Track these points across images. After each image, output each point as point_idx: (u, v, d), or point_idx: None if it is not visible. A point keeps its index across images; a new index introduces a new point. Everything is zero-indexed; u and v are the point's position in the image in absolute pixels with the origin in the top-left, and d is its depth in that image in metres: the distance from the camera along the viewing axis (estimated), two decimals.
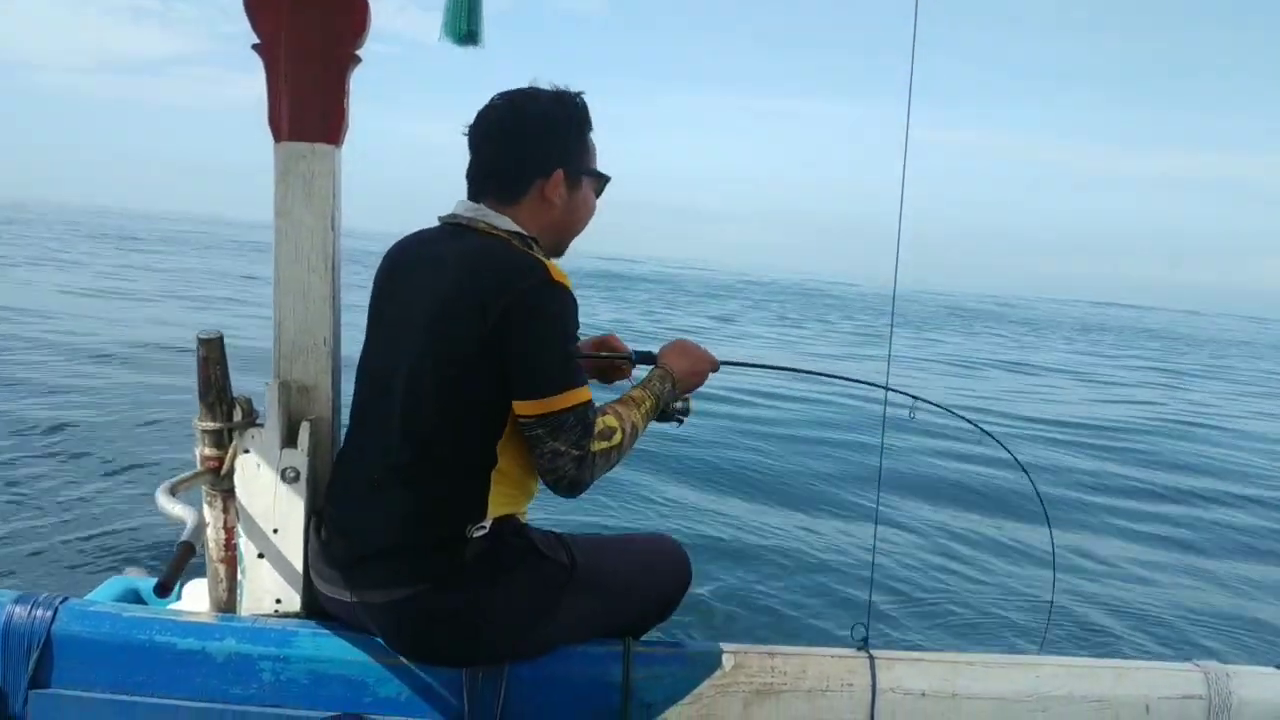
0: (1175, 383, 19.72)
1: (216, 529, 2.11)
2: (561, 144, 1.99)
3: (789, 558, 5.22)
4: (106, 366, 9.40)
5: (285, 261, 2.08)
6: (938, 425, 9.08)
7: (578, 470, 1.84)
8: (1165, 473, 9.05)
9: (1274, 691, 2.31)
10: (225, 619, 2.07)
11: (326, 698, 1.93)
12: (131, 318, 13.94)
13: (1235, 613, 5.27)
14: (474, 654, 1.95)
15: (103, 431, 6.54)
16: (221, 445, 2.06)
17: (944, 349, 22.06)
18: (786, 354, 18.06)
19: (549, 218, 2.00)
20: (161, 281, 21.04)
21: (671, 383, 2.16)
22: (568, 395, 1.82)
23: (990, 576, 5.36)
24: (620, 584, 2.10)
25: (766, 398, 10.70)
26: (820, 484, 7.19)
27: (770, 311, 30.18)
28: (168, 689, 1.92)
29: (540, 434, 1.82)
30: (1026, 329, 34.91)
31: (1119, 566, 5.90)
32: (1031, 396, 14.50)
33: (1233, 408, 15.76)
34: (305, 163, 2.05)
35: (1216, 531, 7.00)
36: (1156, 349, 30.88)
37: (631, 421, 1.98)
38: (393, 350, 1.94)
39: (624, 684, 2.02)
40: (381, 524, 1.89)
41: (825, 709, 2.12)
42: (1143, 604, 5.20)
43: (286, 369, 2.11)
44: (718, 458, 7.50)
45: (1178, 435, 11.59)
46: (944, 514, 6.66)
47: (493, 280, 1.80)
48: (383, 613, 1.89)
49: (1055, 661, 2.30)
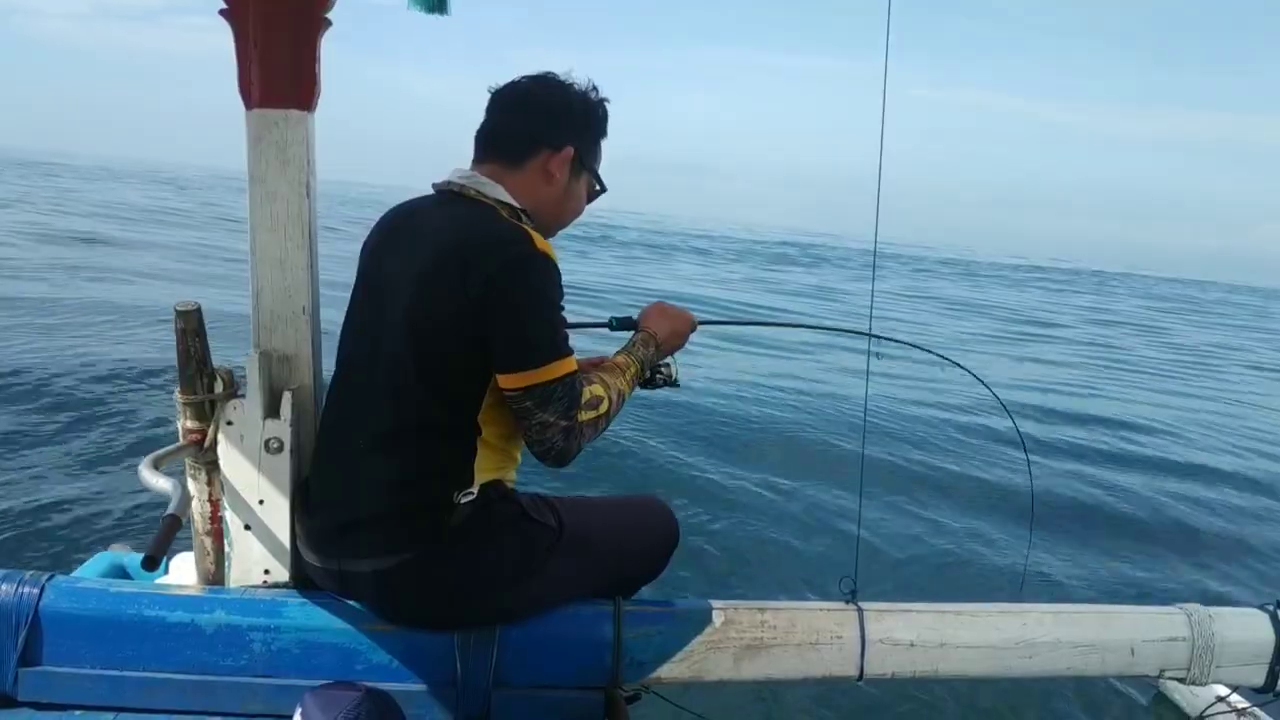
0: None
1: (202, 502, 2.10)
2: (579, 129, 2.01)
3: (776, 514, 5.26)
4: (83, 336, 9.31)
5: (261, 230, 2.06)
6: (925, 375, 9.12)
7: (565, 441, 1.84)
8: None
9: (1254, 631, 2.35)
10: (214, 591, 2.06)
11: (318, 666, 1.93)
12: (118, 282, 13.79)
13: (1223, 553, 5.35)
14: (464, 618, 1.96)
15: (83, 405, 6.49)
16: (203, 418, 2.04)
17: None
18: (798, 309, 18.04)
19: (545, 194, 1.99)
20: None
21: (654, 346, 2.17)
22: (555, 366, 1.81)
23: (975, 525, 5.41)
24: (608, 545, 2.11)
25: (746, 346, 10.74)
26: (805, 436, 7.23)
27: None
28: (159, 662, 1.91)
29: (529, 406, 1.81)
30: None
31: (1103, 507, 5.98)
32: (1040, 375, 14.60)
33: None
34: (278, 129, 2.02)
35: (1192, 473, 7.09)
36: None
37: (618, 389, 1.98)
38: (377, 318, 1.92)
39: (615, 643, 2.03)
40: (367, 492, 1.88)
41: (815, 662, 2.14)
42: (1125, 547, 5.26)
43: (266, 339, 2.09)
44: (703, 414, 7.52)
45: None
46: (929, 463, 6.71)
47: (476, 249, 1.79)
48: (371, 580, 1.89)
49: (1041, 609, 2.33)
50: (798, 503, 5.52)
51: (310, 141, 2.05)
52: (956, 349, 13.55)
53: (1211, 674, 2.32)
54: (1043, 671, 2.27)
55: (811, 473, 6.18)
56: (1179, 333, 22.95)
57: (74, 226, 19.93)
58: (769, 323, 3.63)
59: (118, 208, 28.43)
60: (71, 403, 6.45)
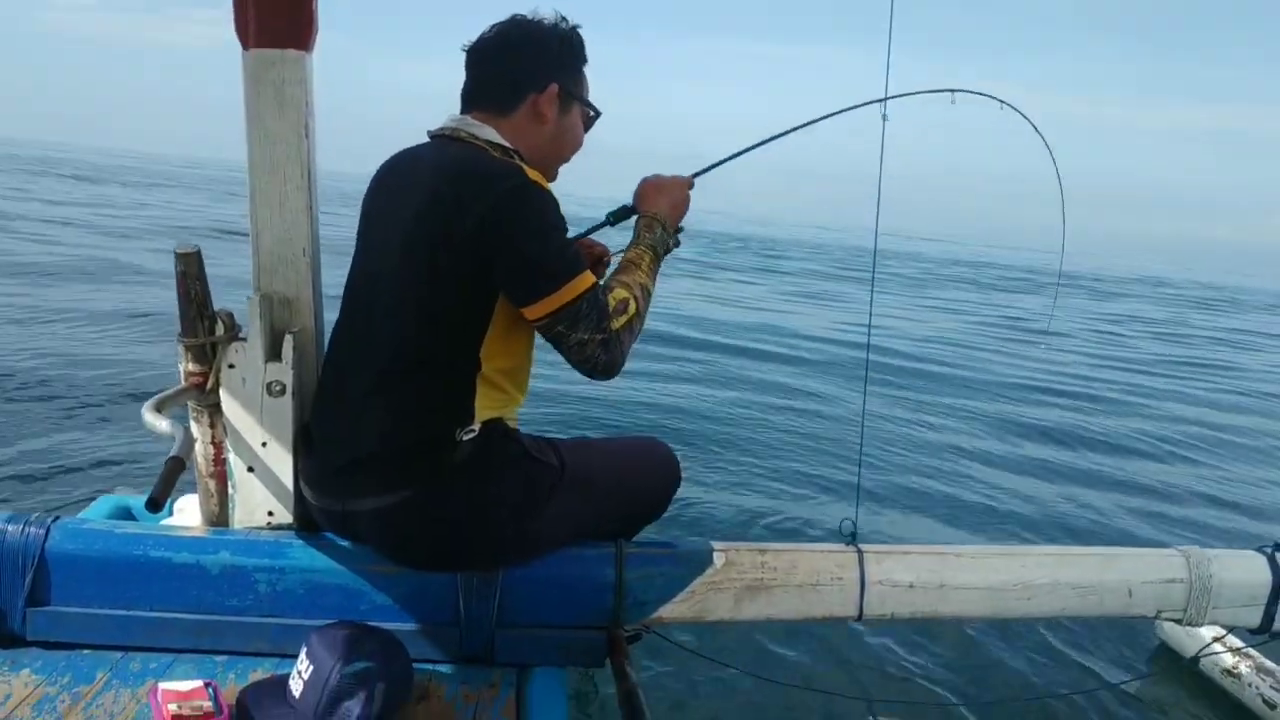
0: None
1: (205, 444, 2.11)
2: (558, 63, 1.98)
3: (778, 456, 5.28)
4: (86, 286, 9.31)
5: (259, 172, 2.04)
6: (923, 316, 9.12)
7: (607, 353, 1.83)
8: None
9: (1251, 573, 2.37)
10: (218, 533, 2.08)
11: (322, 607, 1.95)
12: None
13: (1227, 497, 5.37)
14: (466, 558, 1.98)
15: (84, 351, 6.49)
16: (205, 360, 2.04)
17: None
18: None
19: (539, 135, 1.97)
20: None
21: (660, 226, 2.11)
22: (574, 284, 1.80)
23: (978, 469, 5.43)
24: (610, 485, 2.12)
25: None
26: (805, 380, 7.24)
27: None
28: (164, 602, 1.93)
29: (561, 330, 1.81)
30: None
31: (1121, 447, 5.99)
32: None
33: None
34: (275, 70, 1.99)
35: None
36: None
37: (640, 284, 1.96)
38: (376, 259, 1.93)
39: (617, 584, 2.05)
40: (368, 431, 1.89)
41: (816, 602, 2.16)
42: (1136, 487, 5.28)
43: (267, 281, 2.08)
44: (704, 361, 7.54)
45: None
46: (931, 406, 6.73)
47: (469, 185, 1.78)
48: (374, 520, 1.90)
49: (1040, 550, 2.35)
50: (800, 445, 5.54)
51: (309, 82, 2.02)
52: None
53: (1208, 615, 2.34)
54: (1041, 613, 2.29)
55: (814, 416, 6.20)
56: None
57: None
58: (764, 141, 3.38)
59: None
60: (72, 349, 6.46)
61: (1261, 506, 5.39)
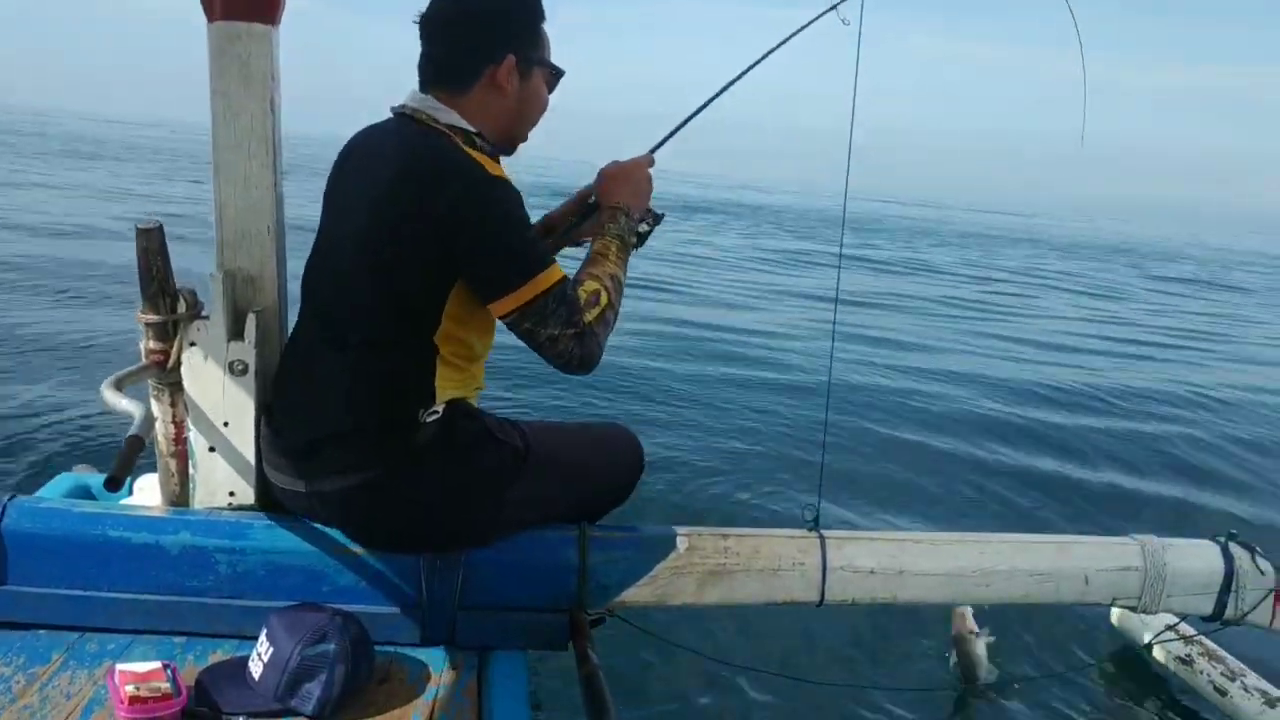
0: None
1: (166, 423, 2.09)
2: (513, 30, 1.93)
3: (742, 442, 5.29)
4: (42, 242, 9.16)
5: (224, 147, 2.01)
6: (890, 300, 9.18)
7: (582, 347, 1.82)
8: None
9: (1205, 562, 2.42)
10: (179, 513, 2.06)
11: (284, 588, 1.94)
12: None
13: (1188, 485, 5.44)
14: (429, 539, 1.97)
15: (40, 325, 6.39)
16: (166, 338, 2.01)
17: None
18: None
19: (500, 107, 1.94)
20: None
21: (623, 215, 2.07)
22: (540, 279, 1.79)
23: (937, 455, 5.47)
24: (574, 468, 2.12)
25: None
26: (771, 366, 7.26)
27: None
28: (123, 583, 1.91)
29: (529, 327, 1.80)
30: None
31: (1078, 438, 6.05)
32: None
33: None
34: (241, 43, 1.97)
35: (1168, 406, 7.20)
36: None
37: (609, 274, 1.93)
38: (337, 239, 1.92)
39: (580, 567, 2.06)
40: (329, 410, 1.88)
41: (778, 587, 2.18)
42: (1089, 479, 5.34)
43: (230, 258, 2.06)
44: (667, 348, 7.54)
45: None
46: (895, 393, 6.77)
47: (430, 179, 1.77)
48: (337, 500, 1.89)
49: (999, 538, 2.38)
50: (763, 431, 5.56)
51: (274, 56, 2.00)
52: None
53: (1162, 603, 2.39)
54: (999, 599, 2.33)
55: (777, 402, 6.22)
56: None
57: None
58: (721, 91, 3.19)
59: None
60: (29, 323, 6.36)
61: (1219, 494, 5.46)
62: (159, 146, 39.76)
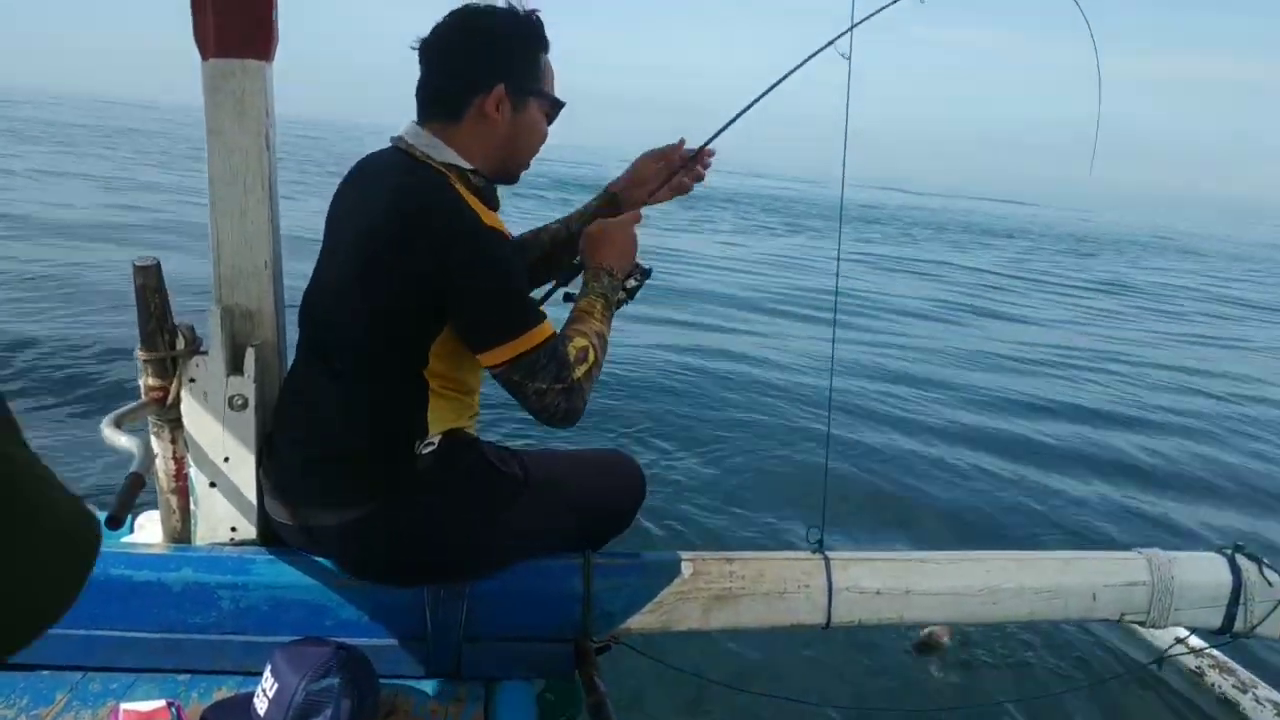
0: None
1: (166, 460, 2.08)
2: (505, 59, 1.89)
3: (744, 465, 5.28)
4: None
5: (220, 183, 2.02)
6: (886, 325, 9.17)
7: (569, 401, 1.81)
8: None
9: (1212, 575, 2.41)
10: (180, 550, 2.05)
11: (287, 623, 1.93)
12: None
13: (1189, 498, 5.43)
14: (432, 572, 1.97)
15: (39, 365, 6.38)
16: (165, 375, 2.02)
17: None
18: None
19: (492, 139, 1.90)
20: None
21: (607, 274, 2.04)
22: (530, 335, 1.77)
23: (947, 474, 5.46)
24: (575, 497, 2.11)
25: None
26: (770, 388, 7.25)
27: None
28: (126, 621, 1.91)
29: (517, 379, 1.78)
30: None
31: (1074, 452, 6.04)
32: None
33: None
34: (235, 80, 1.98)
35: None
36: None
37: (595, 331, 1.93)
38: (332, 270, 1.91)
39: (584, 595, 2.05)
40: (327, 444, 1.88)
41: (783, 611, 2.17)
42: (1096, 493, 5.33)
43: (228, 294, 2.06)
44: (662, 368, 7.53)
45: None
46: (898, 408, 6.75)
47: (419, 230, 1.75)
48: (337, 535, 1.89)
49: (1004, 555, 2.37)
50: (765, 453, 5.55)
51: (269, 92, 2.01)
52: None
53: (1170, 617, 2.37)
54: (1005, 617, 2.32)
55: (778, 424, 6.21)
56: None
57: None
58: (721, 130, 3.12)
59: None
60: (25, 362, 6.35)
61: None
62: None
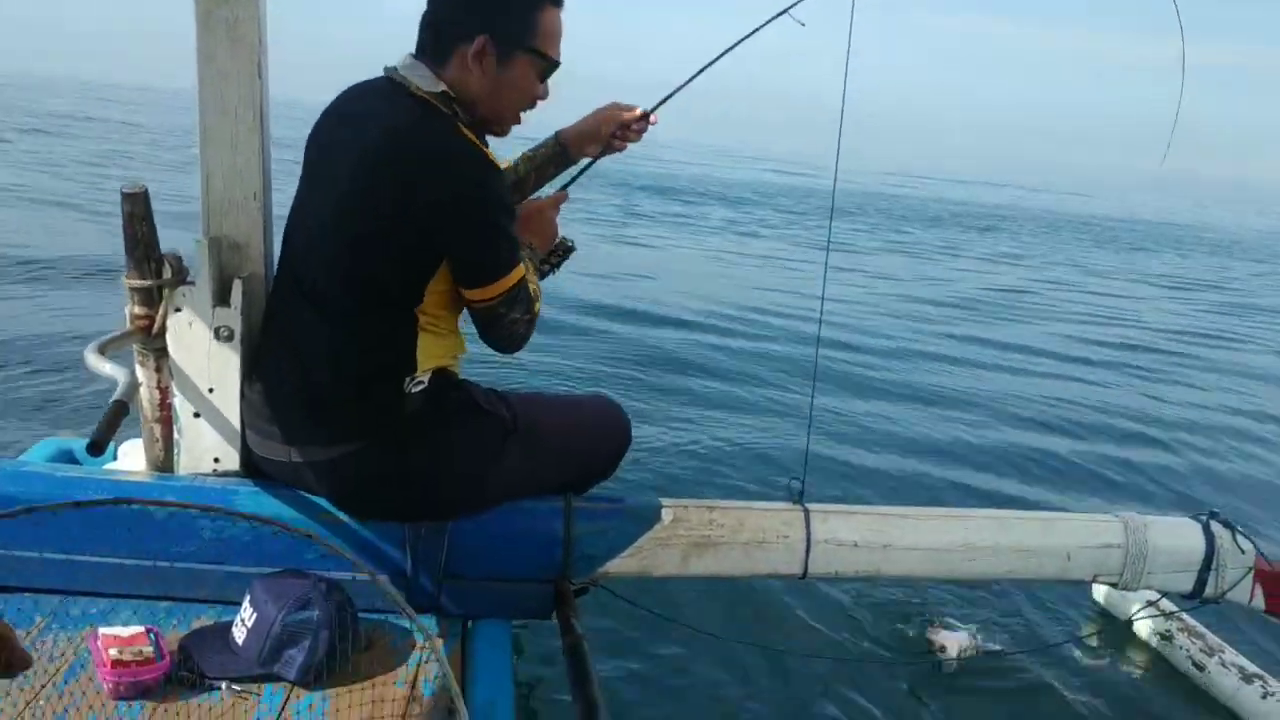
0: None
1: (150, 388, 2.07)
2: (495, 10, 1.84)
3: (728, 415, 5.29)
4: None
5: (210, 112, 1.99)
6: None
7: (528, 330, 1.95)
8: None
9: (1186, 540, 2.43)
10: (163, 478, 2.05)
11: (268, 555, 1.94)
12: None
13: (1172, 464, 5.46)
14: (416, 509, 1.97)
15: (22, 291, 6.33)
16: (151, 303, 2.00)
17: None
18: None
19: (476, 87, 1.85)
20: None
21: (529, 249, 2.04)
22: (518, 269, 1.87)
23: (923, 431, 5.48)
24: (560, 439, 2.12)
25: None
26: (757, 339, 7.25)
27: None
28: (108, 547, 1.91)
29: (501, 311, 1.87)
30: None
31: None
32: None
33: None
34: (228, 7, 1.93)
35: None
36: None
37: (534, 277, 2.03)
38: (318, 204, 1.89)
39: (565, 538, 2.06)
40: (315, 380, 1.88)
41: (761, 560, 2.19)
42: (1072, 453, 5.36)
43: (217, 225, 2.04)
44: (652, 322, 7.52)
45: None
46: (880, 370, 6.77)
47: (420, 163, 1.74)
48: (324, 469, 1.89)
49: (983, 514, 2.39)
50: (750, 403, 5.57)
51: (262, 20, 1.97)
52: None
53: (1143, 580, 2.40)
54: (982, 574, 2.35)
55: (763, 375, 6.23)
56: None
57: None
58: (668, 97, 2.96)
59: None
60: (7, 289, 6.30)
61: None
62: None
